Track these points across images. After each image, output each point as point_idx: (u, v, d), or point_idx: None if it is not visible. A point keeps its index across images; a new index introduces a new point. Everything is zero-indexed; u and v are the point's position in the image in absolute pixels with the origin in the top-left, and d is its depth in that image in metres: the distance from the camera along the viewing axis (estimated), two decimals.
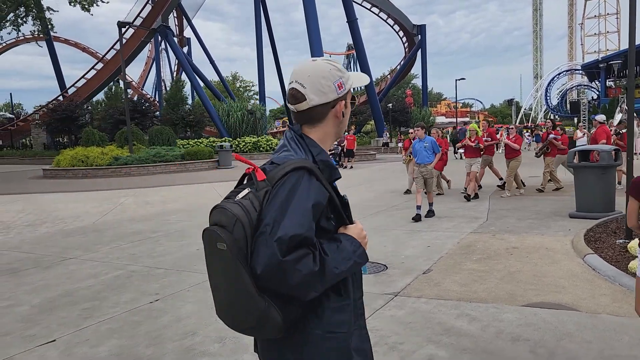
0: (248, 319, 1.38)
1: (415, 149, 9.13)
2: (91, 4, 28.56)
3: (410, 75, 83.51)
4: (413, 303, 4.59)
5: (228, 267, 1.35)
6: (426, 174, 8.88)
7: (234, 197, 1.46)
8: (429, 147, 8.95)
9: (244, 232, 1.35)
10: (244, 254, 1.34)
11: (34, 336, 4.16)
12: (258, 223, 1.37)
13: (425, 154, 8.93)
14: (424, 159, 8.93)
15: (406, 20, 56.18)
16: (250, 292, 1.33)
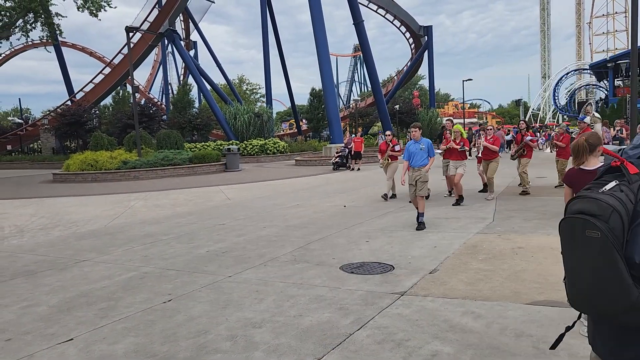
0: (614, 304, 1.44)
1: (409, 151, 8.41)
2: (99, 9, 28.93)
3: (418, 77, 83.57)
4: (420, 302, 4.70)
5: (601, 254, 1.44)
6: (420, 177, 8.24)
7: (598, 188, 1.55)
8: (425, 150, 8.35)
9: (621, 222, 1.44)
10: (620, 243, 1.43)
11: (53, 335, 4.31)
12: (635, 214, 1.46)
13: (420, 156, 8.33)
14: (418, 162, 8.29)
15: (412, 22, 56.24)
16: (623, 279, 1.40)
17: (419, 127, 8.57)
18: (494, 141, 11.23)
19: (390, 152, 12.28)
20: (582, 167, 3.85)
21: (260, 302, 4.92)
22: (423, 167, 8.26)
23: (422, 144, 8.34)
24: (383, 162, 12.43)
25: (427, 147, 8.34)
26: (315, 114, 50.61)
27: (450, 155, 11.12)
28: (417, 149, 8.33)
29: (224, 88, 58.89)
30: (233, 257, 6.90)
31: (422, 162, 8.28)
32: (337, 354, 3.66)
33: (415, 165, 8.29)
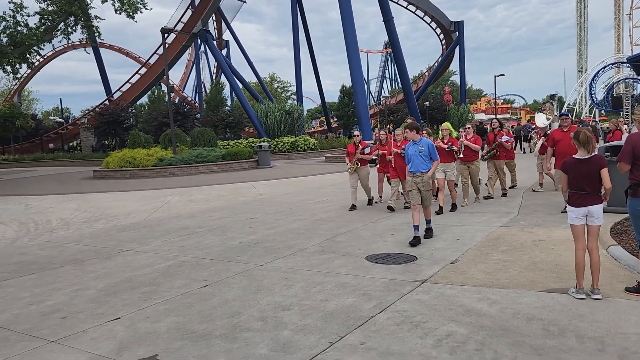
0: None
1: (408, 153, 7.34)
2: (135, 11, 29.80)
3: (449, 72, 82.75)
4: (439, 289, 4.97)
5: None
6: (422, 185, 7.10)
7: None
8: (425, 152, 7.17)
9: None
10: None
11: (102, 314, 4.77)
12: None
13: (421, 160, 7.15)
14: (418, 166, 7.15)
15: (443, 17, 55.78)
16: None
17: (414, 127, 7.33)
18: (474, 141, 10.19)
19: (359, 155, 10.46)
20: (577, 157, 4.58)
21: (289, 288, 5.27)
22: (424, 173, 7.13)
23: (421, 145, 7.18)
24: (351, 167, 10.53)
25: (427, 149, 7.19)
26: (345, 111, 50.81)
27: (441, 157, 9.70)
28: (415, 151, 7.19)
29: (255, 86, 59.70)
30: (264, 248, 7.29)
31: (423, 167, 7.15)
32: (358, 334, 3.98)
33: (414, 171, 7.19)
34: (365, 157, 10.56)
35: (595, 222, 4.53)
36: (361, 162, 10.58)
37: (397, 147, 9.85)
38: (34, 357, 3.84)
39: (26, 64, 29.35)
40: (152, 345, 3.96)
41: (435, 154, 7.31)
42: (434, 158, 7.26)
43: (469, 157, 10.18)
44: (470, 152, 10.15)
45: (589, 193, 4.51)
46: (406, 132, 7.59)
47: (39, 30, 28.26)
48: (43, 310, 4.97)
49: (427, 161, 7.20)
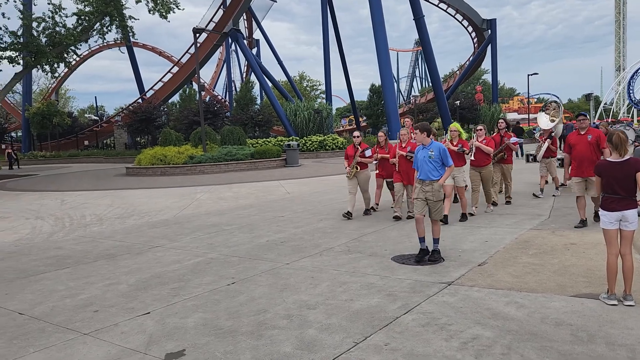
0: None
1: (416, 158, 6.49)
2: (168, 11, 30.32)
3: (481, 71, 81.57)
4: (465, 291, 4.93)
5: None
6: (432, 195, 6.25)
7: None
8: (437, 157, 6.30)
9: None
10: None
11: (133, 308, 4.90)
12: None
13: (431, 166, 6.29)
14: (428, 173, 6.31)
15: (475, 15, 54.99)
16: None
17: (425, 129, 6.41)
18: (487, 143, 9.39)
19: (358, 159, 9.54)
20: (611, 160, 4.49)
21: (315, 287, 5.31)
22: (435, 182, 6.29)
23: (431, 149, 6.31)
24: (350, 172, 9.63)
25: (438, 153, 6.30)
26: (374, 110, 50.65)
27: None
28: (425, 156, 6.34)
29: (284, 85, 60.00)
30: (291, 246, 7.35)
31: (433, 175, 6.30)
32: (383, 334, 3.98)
33: (423, 178, 6.36)
34: (366, 161, 9.62)
35: (630, 226, 4.42)
36: (361, 166, 9.66)
37: (402, 148, 8.99)
38: (68, 349, 3.98)
39: (64, 63, 30.17)
40: (180, 340, 4.05)
41: (448, 159, 6.34)
42: (446, 164, 6.33)
43: (480, 160, 9.31)
44: (482, 155, 9.32)
45: (623, 197, 4.41)
46: (415, 134, 6.60)
47: (76, 30, 29.03)
48: (77, 304, 5.13)
49: (439, 167, 6.31)
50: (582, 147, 7.67)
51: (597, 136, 7.70)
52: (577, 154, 7.73)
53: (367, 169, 9.82)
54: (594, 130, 7.95)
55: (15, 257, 7.50)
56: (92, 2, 28.44)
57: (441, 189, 6.32)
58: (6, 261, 7.28)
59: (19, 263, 7.11)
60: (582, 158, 7.62)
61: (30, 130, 50.62)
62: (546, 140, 11.26)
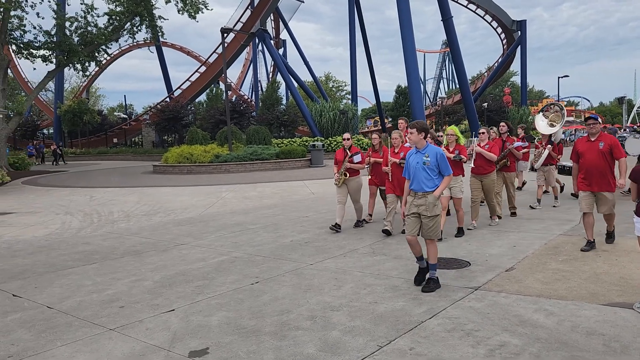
0: None
1: (408, 164, 5.43)
2: (197, 11, 30.69)
3: (509, 73, 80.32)
4: (493, 297, 4.83)
5: None
6: (425, 209, 5.20)
7: None
8: (433, 164, 5.21)
9: None
10: None
11: (158, 305, 4.94)
12: None
13: (425, 175, 5.21)
14: (421, 183, 5.23)
15: (505, 16, 54.18)
16: None
17: (420, 128, 5.31)
18: (490, 148, 8.29)
19: (347, 164, 8.49)
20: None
21: (339, 288, 5.27)
22: (429, 193, 5.23)
23: (426, 154, 5.26)
24: (337, 179, 8.57)
25: (435, 159, 5.23)
26: (400, 111, 50.29)
27: None
28: (419, 162, 5.26)
29: (310, 85, 60.06)
30: (315, 247, 7.33)
31: (428, 185, 5.22)
32: (407, 338, 3.92)
33: (416, 189, 5.28)
34: (356, 167, 8.55)
35: None
36: (351, 173, 8.55)
37: (395, 154, 7.83)
38: (94, 344, 4.03)
39: (95, 62, 30.81)
40: (203, 338, 4.06)
41: (447, 166, 5.28)
42: (444, 172, 5.26)
43: (482, 168, 8.24)
44: (484, 162, 8.23)
45: None
46: (410, 134, 5.35)
47: (107, 30, 29.62)
48: (103, 299, 5.20)
49: (435, 176, 5.23)
50: (591, 156, 6.46)
51: (611, 144, 6.43)
52: (586, 164, 6.52)
53: (359, 176, 8.73)
54: (606, 136, 6.60)
55: (45, 252, 7.65)
56: (123, 2, 28.98)
57: (437, 202, 5.22)
58: (36, 255, 7.44)
59: (48, 257, 7.26)
60: (591, 169, 6.45)
61: (61, 128, 51.77)
62: (547, 146, 10.42)
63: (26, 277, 6.17)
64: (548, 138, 10.55)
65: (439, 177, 5.27)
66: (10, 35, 27.34)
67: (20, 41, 28.05)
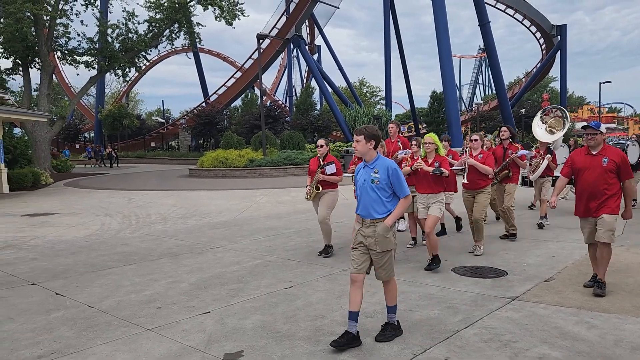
0: None
1: (356, 182, 4.30)
2: (234, 18, 31.22)
3: (548, 78, 78.48)
4: (531, 307, 4.71)
5: None
6: (374, 242, 4.05)
7: None
8: (383, 182, 4.06)
9: None
10: None
11: (194, 307, 5.01)
12: None
13: (374, 196, 4.07)
14: (369, 207, 4.10)
15: (544, 21, 53.06)
16: None
17: (368, 134, 4.12)
18: (484, 159, 7.06)
19: (320, 176, 7.13)
20: None
21: (373, 295, 5.24)
22: (380, 220, 4.06)
23: (375, 169, 4.09)
24: (309, 192, 7.26)
25: (386, 176, 4.05)
26: (435, 117, 49.79)
27: (419, 184, 6.66)
28: (366, 179, 4.13)
29: (344, 91, 60.11)
30: (348, 252, 7.24)
31: (377, 209, 4.07)
32: (443, 347, 3.86)
33: (363, 215, 4.14)
34: (330, 179, 7.18)
35: None
36: (324, 185, 7.19)
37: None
38: (133, 343, 4.12)
39: (134, 67, 31.66)
40: (238, 341, 4.10)
41: (402, 186, 4.06)
42: (399, 193, 4.08)
43: (475, 182, 7.04)
44: (477, 175, 7.01)
45: None
46: (354, 144, 4.21)
47: (147, 36, 30.42)
48: (141, 299, 5.31)
49: (387, 198, 4.07)
50: (592, 175, 5.13)
51: (618, 161, 5.10)
52: (585, 185, 5.21)
53: (334, 190, 7.33)
54: (612, 150, 5.24)
55: (85, 252, 7.88)
56: (163, 10, 29.69)
57: (389, 233, 4.06)
58: (77, 255, 7.66)
59: (89, 257, 7.47)
60: (593, 191, 5.13)
61: (102, 131, 53.30)
62: (545, 156, 9.43)
63: (68, 277, 6.36)
64: (546, 147, 9.61)
65: (392, 200, 4.09)
66: (55, 43, 28.38)
67: (65, 48, 29.10)
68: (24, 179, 20.13)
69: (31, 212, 12.84)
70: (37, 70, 28.17)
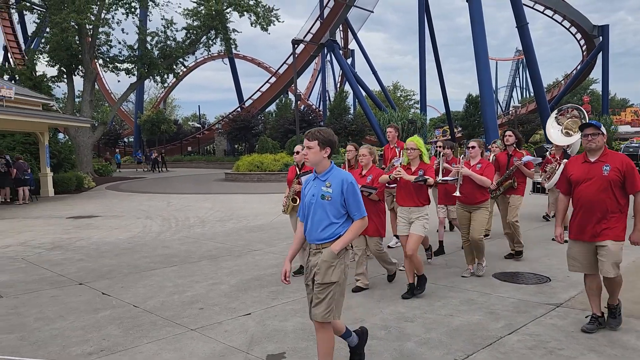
0: None
1: (302, 195, 3.55)
2: (269, 24, 31.57)
3: (589, 80, 76.32)
4: (576, 315, 4.60)
5: None
6: (319, 272, 3.31)
7: None
8: (336, 199, 3.32)
9: None
10: None
11: (235, 308, 5.10)
12: None
13: (323, 215, 3.34)
14: (317, 228, 3.36)
15: (584, 21, 51.65)
16: None
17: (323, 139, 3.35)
18: (483, 169, 6.04)
19: (296, 187, 6.16)
20: None
21: (412, 299, 5.21)
22: (328, 244, 3.32)
23: (328, 181, 3.35)
24: (285, 204, 6.49)
25: (339, 190, 3.31)
26: (470, 121, 49.06)
27: (399, 195, 5.69)
28: (315, 194, 3.38)
29: (378, 94, 59.91)
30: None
31: (326, 232, 3.33)
32: (486, 353, 3.82)
33: (310, 239, 3.42)
34: None
35: None
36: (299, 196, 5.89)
37: (361, 177, 5.71)
38: (177, 343, 4.22)
39: (172, 74, 32.39)
40: (280, 342, 4.15)
41: (359, 206, 3.33)
42: (353, 214, 3.34)
43: (472, 196, 6.00)
44: (474, 188, 5.98)
45: None
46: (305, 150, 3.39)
47: (184, 43, 31.09)
48: (184, 300, 5.43)
49: (339, 218, 3.33)
50: (591, 188, 4.14)
51: (622, 169, 4.08)
52: (582, 199, 4.19)
53: None
54: (615, 156, 4.22)
55: (129, 254, 8.10)
56: (200, 17, 30.28)
57: (335, 261, 3.28)
58: (121, 257, 7.89)
59: (132, 259, 7.68)
60: (591, 206, 4.13)
61: (140, 136, 54.68)
62: (562, 161, 8.36)
63: (113, 277, 6.56)
64: (562, 151, 8.81)
65: (344, 222, 3.34)
66: (98, 51, 29.32)
67: (107, 56, 30.01)
68: (68, 182, 20.85)
69: (76, 215, 13.28)
70: (80, 77, 29.16)
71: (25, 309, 5.23)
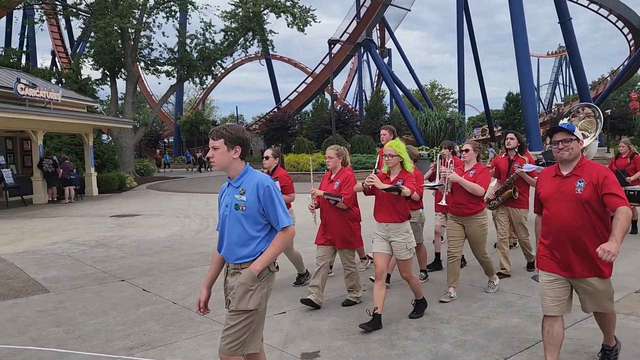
0: None
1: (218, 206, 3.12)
2: (305, 24, 31.75)
3: (637, 76, 73.50)
4: (621, 320, 4.44)
5: None
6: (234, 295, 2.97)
7: None
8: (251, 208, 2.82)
9: None
10: None
11: (270, 307, 5.12)
12: None
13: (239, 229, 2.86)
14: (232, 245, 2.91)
15: (632, 15, 49.74)
16: None
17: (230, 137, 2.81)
18: (477, 175, 5.28)
19: None
20: None
21: (452, 302, 5.15)
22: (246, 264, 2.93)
23: (242, 188, 2.86)
24: None
25: (255, 198, 2.82)
26: (510, 119, 48.04)
27: (376, 209, 5.08)
28: (229, 204, 2.92)
29: (415, 94, 59.37)
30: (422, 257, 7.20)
31: (244, 249, 2.89)
32: (524, 357, 3.75)
33: (227, 257, 3.05)
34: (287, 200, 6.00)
35: None
36: None
37: (329, 183, 5.57)
38: (214, 339, 4.30)
39: (211, 75, 32.98)
40: (314, 341, 4.18)
41: (278, 214, 2.83)
42: (274, 224, 2.87)
43: (464, 206, 5.25)
44: (466, 197, 5.22)
45: None
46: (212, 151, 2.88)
47: (222, 45, 31.60)
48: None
49: (258, 231, 2.87)
50: (563, 210, 3.26)
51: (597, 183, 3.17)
52: (552, 221, 3.32)
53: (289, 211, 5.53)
54: (590, 167, 3.28)
55: (168, 252, 8.31)
56: (238, 19, 30.72)
57: (255, 284, 2.91)
58: (161, 255, 8.10)
59: (171, 257, 7.87)
60: (562, 230, 3.25)
61: (180, 137, 55.94)
62: None
63: (153, 274, 6.74)
64: None
65: (266, 235, 2.88)
66: (139, 54, 30.14)
67: (148, 58, 30.82)
68: (111, 182, 21.52)
69: (118, 213, 13.69)
70: (122, 80, 30.06)
71: (71, 304, 5.44)
